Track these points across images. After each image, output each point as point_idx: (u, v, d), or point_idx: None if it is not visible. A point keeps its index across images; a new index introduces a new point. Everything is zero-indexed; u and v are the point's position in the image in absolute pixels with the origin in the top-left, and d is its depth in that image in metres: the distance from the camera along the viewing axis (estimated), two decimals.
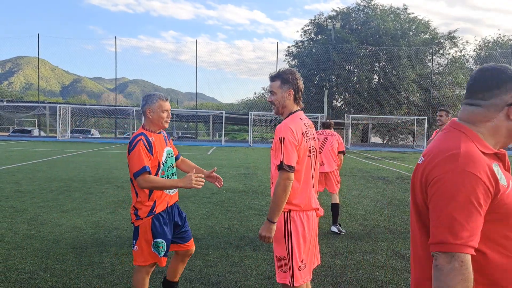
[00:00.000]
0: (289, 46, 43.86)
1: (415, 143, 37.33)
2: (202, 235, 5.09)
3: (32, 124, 43.32)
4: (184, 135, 43.05)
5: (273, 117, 31.94)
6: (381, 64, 39.64)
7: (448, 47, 39.54)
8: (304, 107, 2.59)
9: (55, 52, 71.86)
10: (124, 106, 40.94)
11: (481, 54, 42.21)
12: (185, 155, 13.58)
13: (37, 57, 37.52)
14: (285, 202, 2.29)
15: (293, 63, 41.52)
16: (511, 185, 1.25)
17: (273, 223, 2.31)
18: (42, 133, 36.81)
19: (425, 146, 22.68)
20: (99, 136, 37.90)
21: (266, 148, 26.66)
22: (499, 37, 42.94)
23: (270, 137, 43.91)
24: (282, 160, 2.26)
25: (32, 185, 8.48)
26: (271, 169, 2.46)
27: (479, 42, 55.87)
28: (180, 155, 3.13)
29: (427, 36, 39.34)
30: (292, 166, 2.27)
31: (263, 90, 45.23)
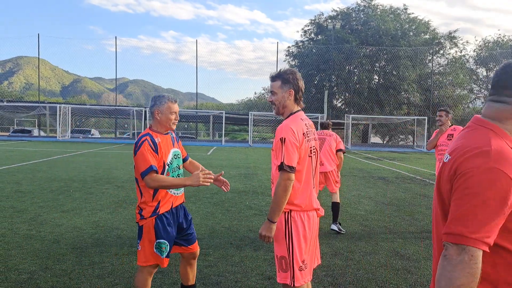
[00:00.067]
0: (289, 46, 44.00)
1: (415, 143, 37.34)
2: (202, 235, 5.09)
3: (32, 124, 43.36)
4: (184, 135, 43.09)
5: (273, 117, 31.96)
6: (381, 64, 39.67)
7: (448, 47, 39.62)
8: (304, 107, 2.59)
9: (55, 52, 72.15)
10: (124, 106, 41.00)
11: (481, 54, 42.24)
12: None
13: (37, 57, 37.57)
14: (285, 203, 2.30)
15: (293, 63, 41.57)
16: None
17: (273, 222, 2.32)
18: (42, 133, 36.84)
19: (425, 146, 22.69)
20: (99, 136, 37.93)
21: (266, 148, 26.67)
22: (499, 37, 43.00)
23: (270, 137, 43.95)
24: (283, 160, 2.26)
25: (33, 185, 8.49)
26: (271, 169, 2.46)
27: (479, 42, 55.94)
28: (188, 156, 3.12)
29: (427, 36, 39.38)
30: (293, 167, 2.27)
31: (263, 90, 45.35)
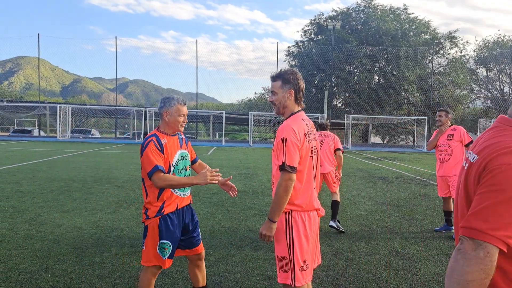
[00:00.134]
0: (289, 46, 43.98)
1: (415, 143, 37.33)
2: (202, 235, 5.05)
3: (33, 124, 43.38)
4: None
5: (273, 117, 31.96)
6: (381, 64, 39.67)
7: (448, 47, 39.62)
8: (304, 107, 2.59)
9: (55, 52, 72.03)
10: (124, 106, 41.03)
11: (481, 54, 42.21)
12: None
13: (37, 57, 37.53)
14: (286, 203, 2.30)
15: (294, 63, 41.55)
16: None
17: (274, 222, 2.32)
18: (42, 133, 36.85)
19: (425, 147, 22.71)
20: (99, 136, 37.92)
21: (266, 148, 26.67)
22: (499, 37, 42.93)
23: (270, 137, 43.96)
24: (284, 160, 2.26)
25: (33, 185, 8.49)
26: (272, 170, 2.46)
27: (479, 42, 55.86)
28: (197, 158, 3.12)
29: (427, 36, 39.37)
30: (294, 167, 2.27)
31: (264, 90, 45.31)
